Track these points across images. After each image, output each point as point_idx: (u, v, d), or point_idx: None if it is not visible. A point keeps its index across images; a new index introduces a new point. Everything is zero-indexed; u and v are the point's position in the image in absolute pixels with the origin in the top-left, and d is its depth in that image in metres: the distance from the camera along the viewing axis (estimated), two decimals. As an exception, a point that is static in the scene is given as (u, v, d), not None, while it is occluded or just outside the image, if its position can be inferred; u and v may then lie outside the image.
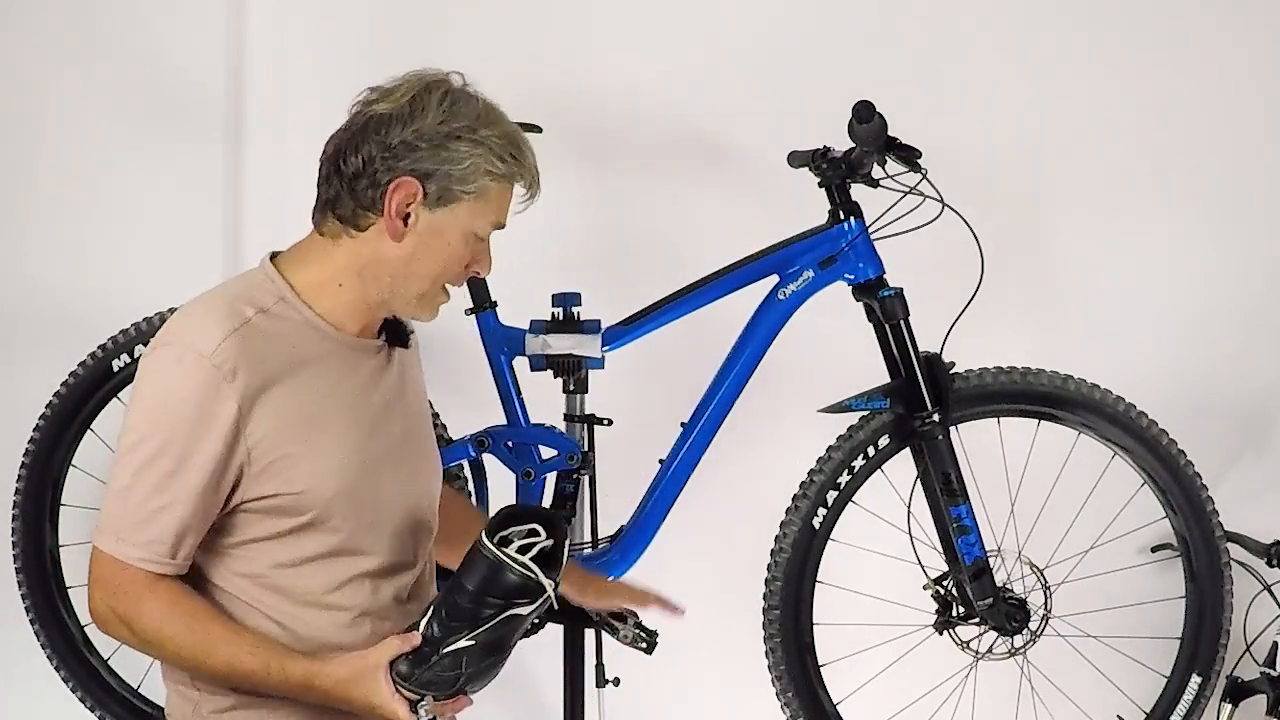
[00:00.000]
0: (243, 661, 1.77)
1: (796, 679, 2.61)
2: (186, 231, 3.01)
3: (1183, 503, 2.70)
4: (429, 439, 2.04)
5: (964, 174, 2.61)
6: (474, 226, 1.84)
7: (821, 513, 2.58)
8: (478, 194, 1.82)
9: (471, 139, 1.80)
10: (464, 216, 1.82)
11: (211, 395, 1.74)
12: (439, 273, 1.85)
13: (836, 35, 3.04)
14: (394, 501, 1.91)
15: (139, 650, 1.83)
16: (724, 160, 3.02)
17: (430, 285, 1.85)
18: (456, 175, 1.80)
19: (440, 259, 1.84)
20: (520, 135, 1.85)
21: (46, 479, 2.68)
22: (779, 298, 2.57)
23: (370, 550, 1.88)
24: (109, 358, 2.63)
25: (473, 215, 1.83)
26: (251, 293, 1.83)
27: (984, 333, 2.61)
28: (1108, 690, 2.88)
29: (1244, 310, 3.10)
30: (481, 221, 1.84)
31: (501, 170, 1.82)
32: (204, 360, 1.74)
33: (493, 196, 1.83)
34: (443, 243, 1.83)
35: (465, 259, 1.85)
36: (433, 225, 1.82)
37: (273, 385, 1.78)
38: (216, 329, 1.76)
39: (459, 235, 1.83)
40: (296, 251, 1.90)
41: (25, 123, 3.01)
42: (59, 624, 2.71)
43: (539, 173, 1.86)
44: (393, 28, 3.01)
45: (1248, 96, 3.08)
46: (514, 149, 1.83)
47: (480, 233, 1.84)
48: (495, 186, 1.82)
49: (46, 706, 2.87)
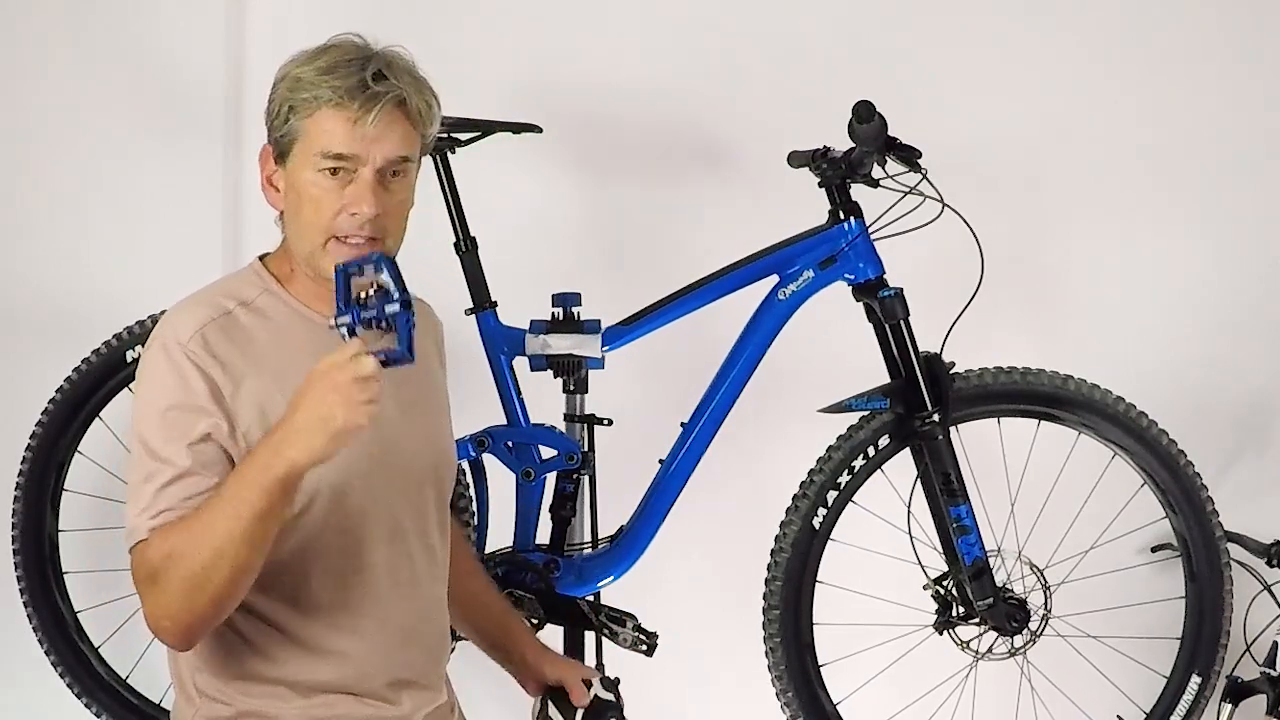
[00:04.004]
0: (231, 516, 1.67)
1: (796, 679, 2.61)
2: (186, 231, 3.00)
3: (1183, 503, 2.70)
4: (433, 422, 1.99)
5: (964, 174, 2.61)
6: (311, 166, 1.80)
7: (821, 513, 2.58)
8: (298, 134, 1.80)
9: (279, 87, 1.82)
10: (300, 160, 1.81)
11: (192, 378, 1.76)
12: (313, 222, 1.81)
13: (836, 35, 3.04)
14: (389, 496, 1.88)
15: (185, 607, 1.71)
16: (724, 160, 3.02)
17: (316, 238, 1.81)
18: (277, 126, 1.82)
19: (306, 210, 1.81)
20: (325, 54, 1.82)
21: (51, 464, 2.69)
22: (779, 298, 2.57)
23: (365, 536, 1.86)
24: (123, 347, 2.65)
25: (305, 156, 1.80)
26: (236, 287, 1.88)
27: (984, 333, 2.61)
28: (1108, 690, 2.88)
29: (1243, 310, 3.10)
30: (314, 158, 1.79)
31: (301, 100, 1.79)
32: (180, 348, 1.77)
33: (309, 130, 1.80)
34: (299, 194, 1.81)
35: (332, 205, 1.79)
36: (289, 181, 1.83)
37: (254, 372, 1.78)
38: (194, 320, 1.80)
39: (307, 181, 1.80)
40: (279, 246, 1.92)
41: (25, 122, 3.00)
42: (53, 609, 2.71)
43: (357, 77, 1.79)
44: (392, 28, 2.99)
45: (1247, 97, 3.08)
46: (310, 76, 1.79)
47: (319, 168, 1.79)
48: (306, 121, 1.80)
49: (42, 695, 2.87)
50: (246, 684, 1.85)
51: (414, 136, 1.85)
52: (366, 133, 1.78)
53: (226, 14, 3.00)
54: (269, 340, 1.82)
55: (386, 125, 1.80)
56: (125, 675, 2.77)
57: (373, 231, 1.80)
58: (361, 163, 1.79)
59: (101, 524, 2.90)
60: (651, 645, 2.56)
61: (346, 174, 1.80)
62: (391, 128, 1.81)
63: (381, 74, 1.81)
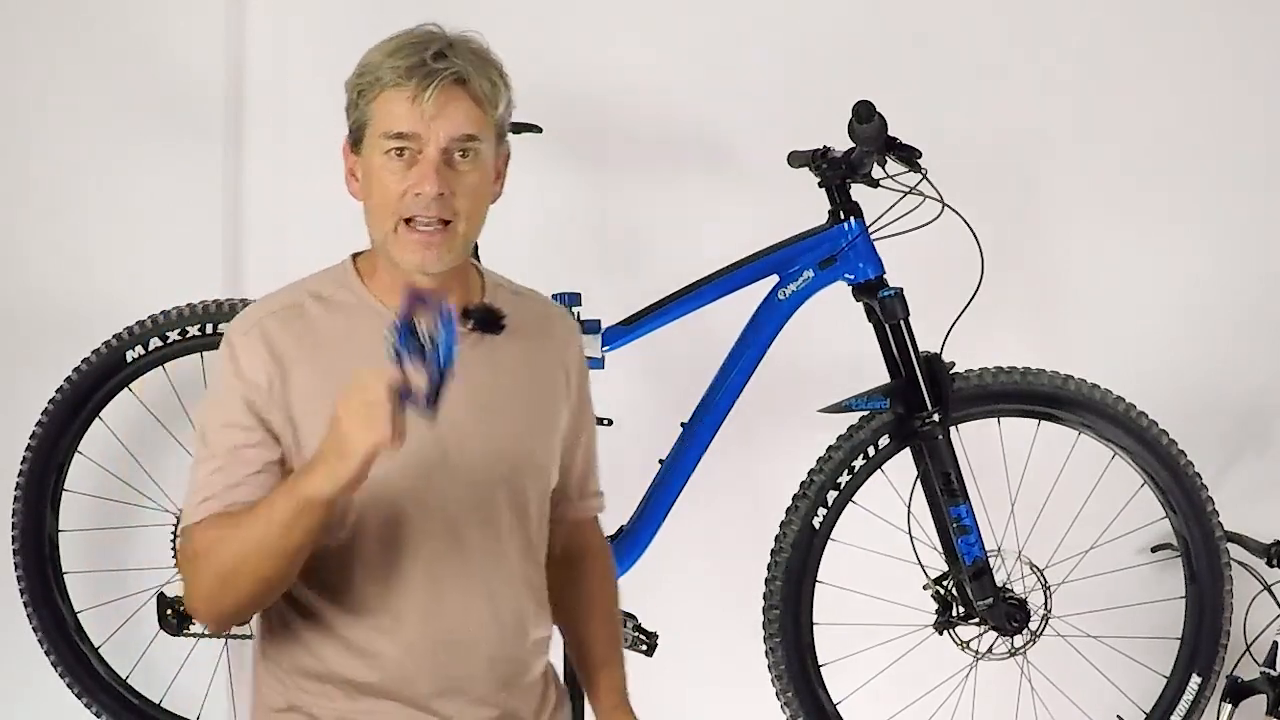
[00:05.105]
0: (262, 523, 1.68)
1: (796, 679, 2.61)
2: (186, 231, 3.00)
3: (1183, 503, 2.70)
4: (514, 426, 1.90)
5: (964, 174, 2.61)
6: (378, 149, 1.81)
7: (821, 513, 2.58)
8: (367, 119, 1.82)
9: (351, 76, 1.84)
10: (370, 145, 1.82)
11: (244, 364, 1.78)
12: (382, 205, 1.81)
13: (836, 35, 3.04)
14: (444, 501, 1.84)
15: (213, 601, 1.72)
16: (724, 160, 3.02)
17: (386, 222, 1.81)
18: (350, 114, 1.84)
19: (375, 193, 1.82)
20: (394, 39, 1.83)
21: (51, 464, 2.69)
22: (779, 298, 2.57)
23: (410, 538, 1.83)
24: (123, 347, 2.66)
25: (373, 139, 1.81)
26: (318, 281, 1.89)
27: (984, 333, 2.61)
28: (1108, 690, 2.88)
29: (1244, 310, 3.10)
30: (380, 140, 1.80)
31: (367, 83, 1.82)
32: (240, 339, 1.80)
33: (375, 113, 1.81)
34: (369, 178, 1.83)
35: (398, 186, 1.79)
36: (364, 168, 1.84)
37: (308, 363, 1.79)
38: (258, 312, 1.82)
39: (376, 164, 1.81)
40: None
41: (25, 123, 3.00)
42: (53, 609, 2.72)
43: (418, 56, 1.80)
44: (392, 28, 3.00)
45: (1247, 97, 3.08)
46: (376, 59, 1.82)
47: (385, 150, 1.80)
48: (373, 104, 1.81)
49: (42, 695, 2.87)
50: (298, 678, 1.85)
51: (479, 116, 1.83)
52: (425, 110, 1.78)
53: (226, 14, 3.00)
54: (333, 333, 1.82)
55: (446, 102, 1.79)
56: (125, 675, 2.77)
57: (441, 213, 1.80)
58: (424, 142, 1.79)
59: (101, 524, 2.91)
60: (651, 645, 2.56)
61: (412, 155, 1.80)
62: (452, 105, 1.80)
63: (442, 53, 1.81)
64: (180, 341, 2.66)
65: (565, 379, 1.98)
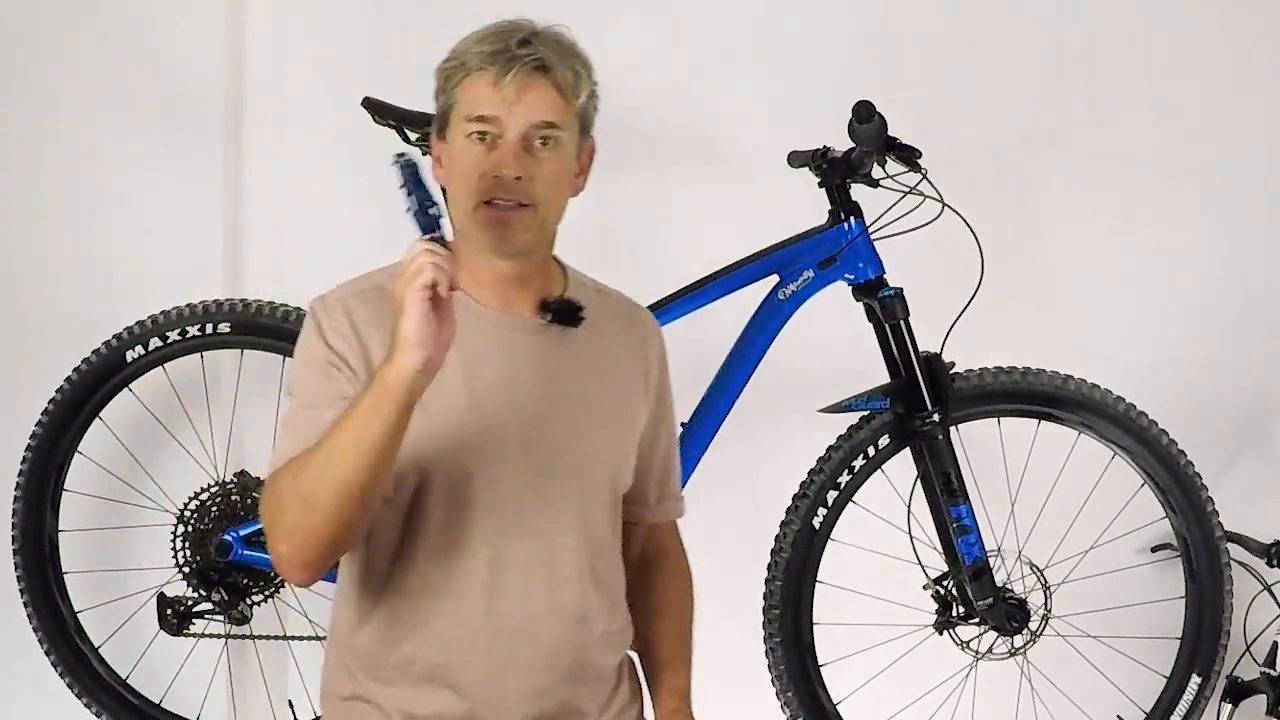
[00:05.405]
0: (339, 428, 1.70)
1: (796, 679, 2.61)
2: (186, 231, 3.00)
3: (1183, 503, 2.70)
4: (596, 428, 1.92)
5: (964, 174, 2.61)
6: (461, 132, 1.84)
7: (821, 513, 2.58)
8: (453, 104, 1.85)
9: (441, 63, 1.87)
10: (454, 129, 1.85)
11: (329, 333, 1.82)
12: (463, 187, 1.84)
13: (836, 35, 3.04)
14: (511, 487, 1.84)
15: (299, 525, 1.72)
16: (724, 160, 3.02)
17: (467, 203, 1.84)
18: (438, 100, 1.88)
19: (456, 176, 1.85)
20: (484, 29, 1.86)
21: (51, 464, 2.70)
22: (779, 298, 2.57)
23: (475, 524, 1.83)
24: (123, 347, 2.66)
25: (457, 124, 1.85)
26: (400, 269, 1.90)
27: (984, 333, 2.61)
28: (1108, 690, 2.88)
29: (1244, 310, 3.10)
30: (463, 124, 1.84)
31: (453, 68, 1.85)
32: (323, 310, 1.84)
33: (460, 98, 1.84)
34: (452, 162, 1.86)
35: (478, 168, 1.82)
36: (448, 154, 1.87)
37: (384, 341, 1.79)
38: (344, 290, 1.87)
39: (459, 147, 1.84)
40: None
41: (25, 123, 3.00)
42: (53, 609, 2.72)
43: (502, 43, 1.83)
44: (392, 27, 3.01)
45: (1247, 97, 3.08)
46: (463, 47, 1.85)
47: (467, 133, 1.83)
48: (457, 90, 1.85)
49: (42, 695, 2.87)
50: (364, 665, 1.87)
51: (560, 104, 1.85)
52: (506, 95, 1.81)
53: (226, 14, 3.00)
54: None
55: (526, 88, 1.82)
56: (125, 675, 2.77)
57: (519, 197, 1.82)
58: (504, 126, 1.82)
59: (101, 524, 2.91)
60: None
61: (493, 139, 1.82)
62: (533, 92, 1.82)
63: (527, 40, 1.84)
64: (180, 341, 2.66)
65: (645, 380, 2.00)
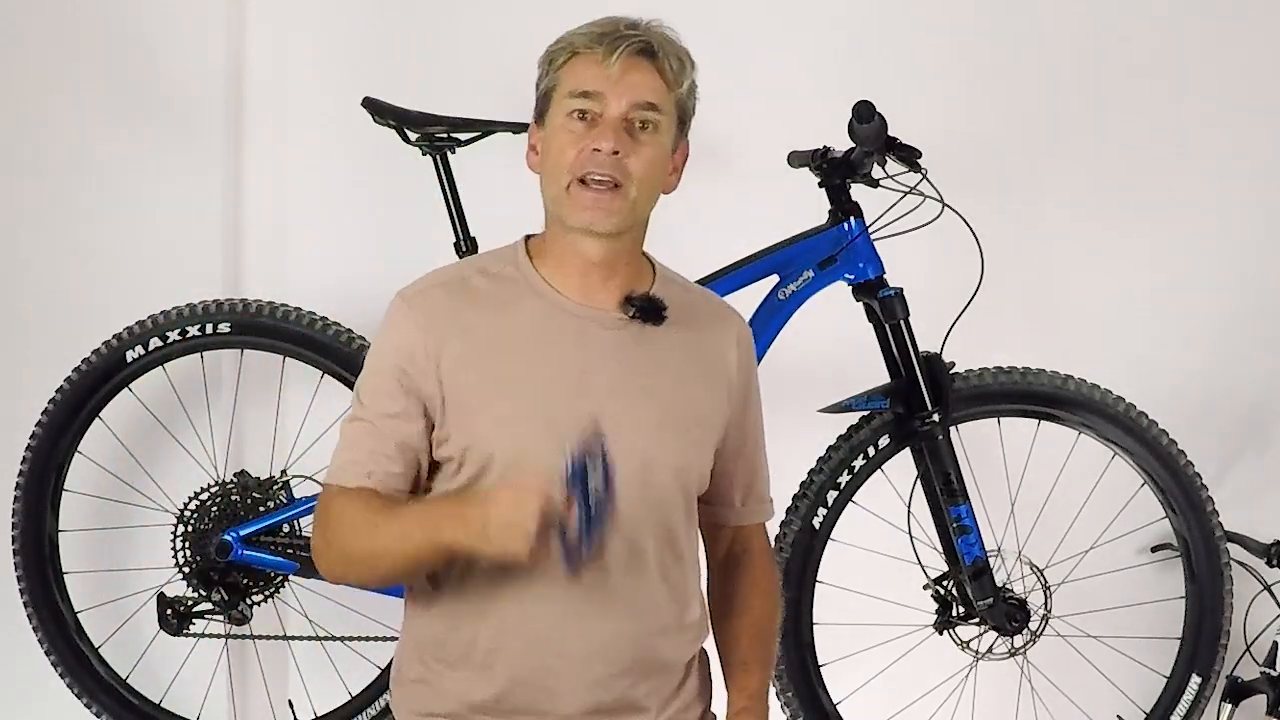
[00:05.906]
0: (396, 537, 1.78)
1: (796, 679, 2.61)
2: (186, 231, 3.01)
3: (1183, 503, 2.70)
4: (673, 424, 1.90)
5: (964, 174, 2.61)
6: (563, 110, 1.86)
7: (821, 513, 2.58)
8: (556, 84, 1.87)
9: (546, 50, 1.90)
10: (555, 108, 1.87)
11: (403, 328, 1.85)
12: (559, 163, 1.85)
13: (836, 35, 3.04)
14: None
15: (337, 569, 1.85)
16: (724, 160, 3.01)
17: (561, 179, 1.85)
18: (539, 84, 1.90)
19: (553, 152, 1.86)
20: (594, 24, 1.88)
21: (51, 464, 2.70)
22: (779, 298, 2.57)
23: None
24: (123, 347, 2.66)
25: (559, 102, 1.86)
26: (489, 259, 1.95)
27: (984, 333, 2.61)
28: (1108, 690, 2.88)
29: (1244, 310, 3.10)
30: (565, 100, 1.85)
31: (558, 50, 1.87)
32: (404, 303, 1.87)
33: (564, 77, 1.87)
34: (549, 139, 1.87)
35: (577, 143, 1.84)
36: (545, 136, 1.89)
37: (464, 333, 1.83)
38: (427, 281, 1.90)
39: (558, 125, 1.86)
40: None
41: (25, 123, 3.00)
42: (53, 609, 2.72)
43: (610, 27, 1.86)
44: (392, 27, 3.01)
45: (1248, 97, 3.08)
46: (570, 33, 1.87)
47: (569, 110, 1.85)
48: (562, 70, 1.87)
49: (42, 695, 2.87)
50: (431, 648, 1.89)
51: (663, 89, 1.89)
52: (611, 73, 1.83)
53: (226, 14, 3.00)
54: (492, 306, 1.87)
55: (631, 68, 1.85)
56: (125, 675, 2.77)
57: (614, 173, 1.83)
58: (606, 103, 1.84)
59: (101, 524, 2.91)
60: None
61: (594, 117, 1.84)
62: (637, 72, 1.85)
63: (634, 24, 1.88)
64: (180, 341, 2.66)
65: (728, 381, 1.99)
